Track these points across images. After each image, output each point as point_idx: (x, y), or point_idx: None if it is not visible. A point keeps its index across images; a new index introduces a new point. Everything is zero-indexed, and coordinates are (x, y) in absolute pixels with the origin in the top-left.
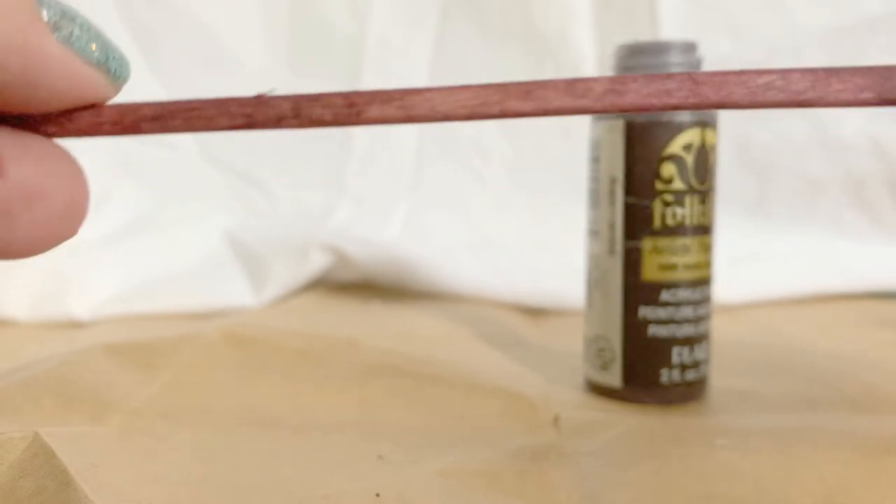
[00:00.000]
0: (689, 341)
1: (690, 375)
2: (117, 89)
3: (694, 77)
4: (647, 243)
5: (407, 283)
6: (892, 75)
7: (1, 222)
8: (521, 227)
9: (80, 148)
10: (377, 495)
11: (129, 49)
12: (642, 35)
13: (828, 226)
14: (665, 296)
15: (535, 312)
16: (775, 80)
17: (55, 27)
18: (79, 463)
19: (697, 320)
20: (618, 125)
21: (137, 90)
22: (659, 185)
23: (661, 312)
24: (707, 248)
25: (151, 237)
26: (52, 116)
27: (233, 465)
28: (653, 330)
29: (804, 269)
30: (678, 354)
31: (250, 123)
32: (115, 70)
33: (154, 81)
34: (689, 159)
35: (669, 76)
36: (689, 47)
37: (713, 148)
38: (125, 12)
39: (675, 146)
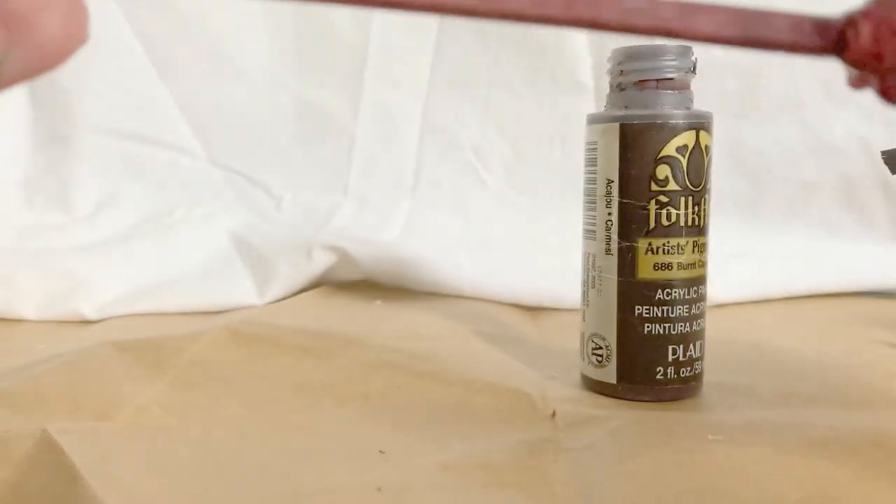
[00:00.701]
0: (684, 339)
1: (685, 372)
2: None
3: None
4: (642, 243)
5: (408, 282)
6: (755, 16)
7: (24, 32)
8: (519, 226)
9: (88, 151)
10: (379, 489)
11: (138, 56)
12: (637, 39)
13: (820, 226)
14: (660, 295)
15: (533, 310)
16: (645, 6)
17: None
18: (86, 459)
19: (692, 318)
20: (613, 127)
21: (147, 96)
22: (654, 187)
23: (657, 311)
24: (701, 248)
25: (158, 238)
26: None
27: (237, 459)
28: (648, 328)
29: (797, 269)
30: (673, 352)
31: None
32: None
33: (163, 89)
34: (684, 161)
35: None
36: (684, 51)
37: (707, 150)
38: (134, 20)
39: (670, 148)
